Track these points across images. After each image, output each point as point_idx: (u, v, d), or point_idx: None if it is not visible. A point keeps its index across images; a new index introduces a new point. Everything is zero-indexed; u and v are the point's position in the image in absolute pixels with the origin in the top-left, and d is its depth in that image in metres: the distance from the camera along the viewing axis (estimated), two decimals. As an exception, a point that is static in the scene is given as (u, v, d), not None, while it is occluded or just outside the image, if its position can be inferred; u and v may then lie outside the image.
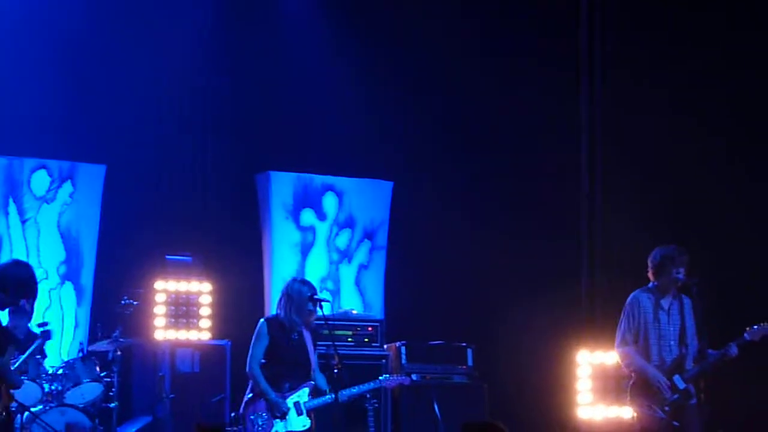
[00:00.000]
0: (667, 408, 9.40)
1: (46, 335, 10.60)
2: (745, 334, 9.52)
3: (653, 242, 9.89)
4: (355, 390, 9.80)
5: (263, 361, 9.66)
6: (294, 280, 10.02)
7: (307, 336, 9.82)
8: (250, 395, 9.63)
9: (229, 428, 10.91)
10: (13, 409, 9.26)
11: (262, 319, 9.87)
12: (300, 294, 9.77)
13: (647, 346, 9.67)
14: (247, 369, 9.72)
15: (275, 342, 9.67)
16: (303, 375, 9.67)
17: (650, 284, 9.77)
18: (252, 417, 9.56)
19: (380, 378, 10.19)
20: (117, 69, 12.26)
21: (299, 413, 9.57)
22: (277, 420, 9.52)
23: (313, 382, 9.72)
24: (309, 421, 9.58)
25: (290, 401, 9.58)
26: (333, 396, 9.62)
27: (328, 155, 13.10)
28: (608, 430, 11.83)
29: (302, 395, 9.62)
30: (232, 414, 10.80)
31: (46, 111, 12.05)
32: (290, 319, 9.73)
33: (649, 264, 9.75)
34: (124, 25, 12.37)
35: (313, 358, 9.78)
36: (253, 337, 9.77)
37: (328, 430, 9.91)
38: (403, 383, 10.46)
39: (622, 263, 11.77)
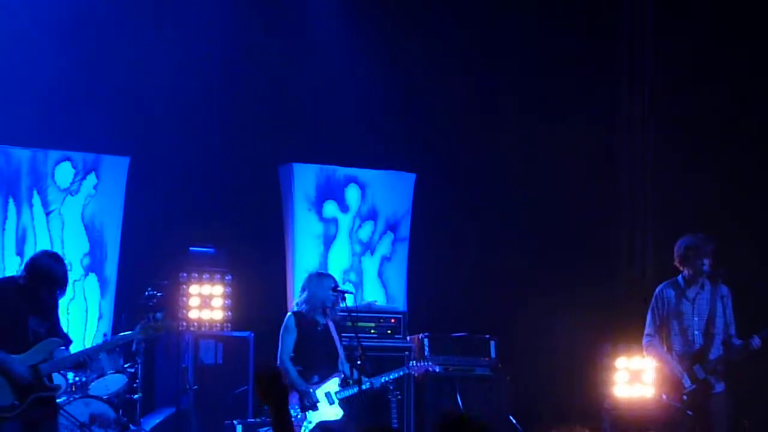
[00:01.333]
0: (684, 397, 9.37)
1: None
2: (774, 326, 9.49)
3: (682, 230, 9.85)
4: (383, 378, 9.81)
5: (292, 354, 9.74)
6: (312, 274, 10.13)
7: (332, 327, 9.88)
8: None
9: (236, 422, 10.98)
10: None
11: (289, 313, 9.96)
12: (320, 286, 9.85)
13: (669, 336, 9.66)
14: (278, 362, 9.79)
15: (303, 335, 9.77)
16: (331, 366, 9.75)
17: (678, 276, 9.75)
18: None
19: (408, 365, 10.21)
20: (141, 61, 12.27)
21: (331, 403, 9.64)
22: (309, 411, 9.57)
23: (341, 373, 9.77)
24: (341, 410, 9.63)
25: (320, 392, 9.63)
26: (351, 389, 9.67)
27: (350, 147, 13.10)
28: (633, 423, 11.78)
29: (332, 385, 9.68)
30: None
31: (70, 103, 12.06)
32: (311, 312, 9.80)
33: (675, 254, 9.73)
34: (148, 16, 12.37)
35: (340, 349, 9.84)
36: (282, 331, 9.84)
37: (351, 422, 9.92)
38: (430, 369, 10.46)
39: (665, 260, 11.66)
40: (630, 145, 13.04)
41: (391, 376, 9.93)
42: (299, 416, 9.57)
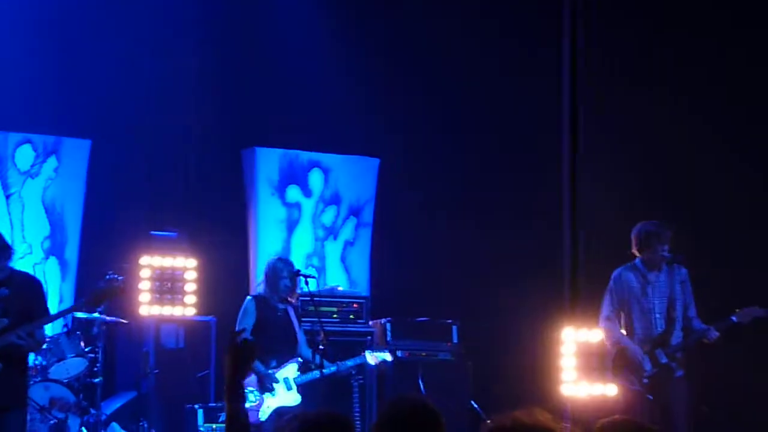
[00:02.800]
0: (645, 381, 9.42)
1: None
2: (733, 317, 9.53)
3: (636, 218, 9.89)
4: (336, 367, 9.81)
5: (251, 337, 9.64)
6: (272, 258, 10.14)
7: (292, 313, 9.87)
8: None
9: (197, 406, 10.93)
10: None
11: (249, 296, 9.95)
12: (275, 271, 9.85)
13: (630, 321, 9.70)
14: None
15: (262, 318, 9.75)
16: (290, 351, 9.74)
17: (636, 260, 9.78)
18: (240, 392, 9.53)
19: (363, 354, 10.19)
20: (102, 43, 12.20)
21: (289, 388, 9.62)
22: (267, 394, 9.54)
23: (300, 359, 9.76)
24: (299, 396, 9.61)
25: (279, 376, 9.60)
26: (318, 373, 9.65)
27: (314, 131, 13.07)
28: (592, 408, 11.83)
29: (290, 371, 9.66)
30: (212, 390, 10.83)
31: (31, 85, 11.98)
32: (271, 296, 9.81)
33: (633, 239, 9.75)
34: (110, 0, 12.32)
35: (300, 334, 9.82)
36: (240, 314, 9.81)
37: (313, 406, 9.90)
38: (387, 362, 10.45)
39: (606, 240, 11.74)
40: (573, 126, 13.09)
41: (347, 364, 9.93)
42: (256, 400, 9.52)
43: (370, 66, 13.10)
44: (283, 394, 9.63)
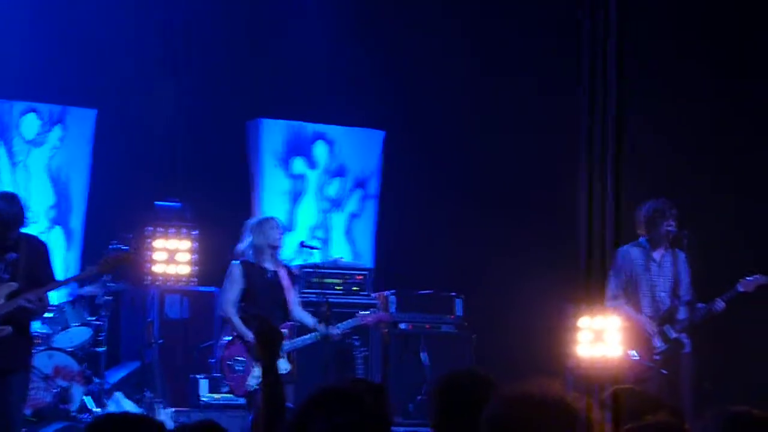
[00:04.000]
0: (657, 357, 9.45)
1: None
2: (738, 286, 9.56)
3: (648, 193, 9.89)
4: (335, 328, 9.56)
5: (241, 304, 9.53)
6: (251, 221, 9.86)
7: (284, 275, 9.64)
8: (227, 339, 9.54)
9: (201, 376, 10.91)
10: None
11: (235, 261, 9.70)
12: (261, 226, 9.62)
13: (637, 297, 9.71)
14: (222, 313, 9.62)
15: (250, 284, 9.49)
16: (281, 316, 9.44)
17: (640, 239, 9.80)
18: (230, 362, 9.46)
19: (358, 314, 10.01)
20: (108, 12, 12.16)
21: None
22: (256, 363, 9.37)
23: (290, 322, 9.58)
24: (288, 364, 9.40)
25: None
26: (313, 336, 9.50)
27: (319, 103, 13.05)
28: (596, 380, 11.83)
29: None
30: (211, 360, 10.81)
31: (37, 54, 11.97)
32: (258, 259, 9.56)
33: (639, 218, 9.77)
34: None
35: (290, 297, 9.61)
36: (226, 280, 9.60)
37: (316, 378, 9.90)
38: (383, 319, 10.36)
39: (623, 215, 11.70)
40: (591, 104, 13.05)
41: (343, 327, 9.69)
42: (244, 369, 9.39)
43: (376, 37, 13.06)
44: None
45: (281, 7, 13.01)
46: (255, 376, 9.34)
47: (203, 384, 11.08)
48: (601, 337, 11.49)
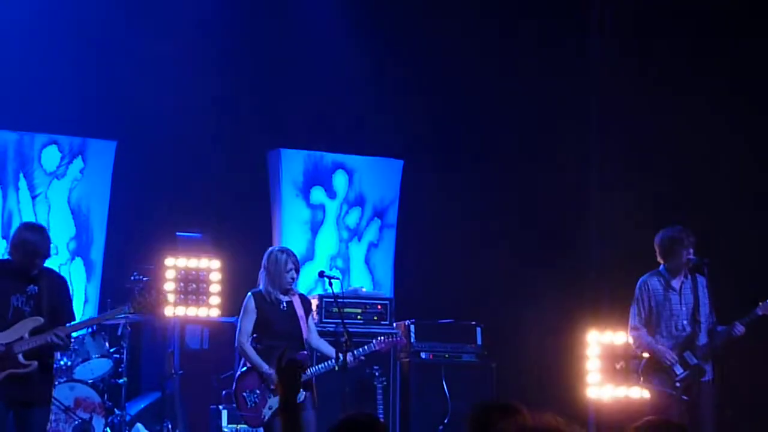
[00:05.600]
0: (678, 384, 9.41)
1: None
2: (757, 309, 9.52)
3: (660, 221, 9.88)
4: (349, 356, 9.46)
5: (255, 335, 9.53)
6: (271, 250, 9.89)
7: (298, 304, 9.63)
8: (242, 371, 9.54)
9: (221, 407, 10.91)
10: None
11: (249, 293, 9.71)
12: (276, 263, 9.64)
13: (658, 328, 9.69)
14: (236, 344, 9.64)
15: (264, 315, 9.49)
16: (296, 346, 9.45)
17: (660, 267, 9.78)
18: (245, 394, 9.45)
19: (373, 341, 9.98)
20: (129, 44, 12.24)
21: None
22: (271, 394, 9.37)
23: (306, 352, 9.56)
24: (303, 393, 9.27)
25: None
26: (328, 365, 9.48)
27: (338, 133, 13.09)
28: (617, 411, 11.82)
29: None
30: (224, 392, 10.79)
31: (57, 86, 12.04)
32: (269, 290, 9.58)
33: (657, 247, 9.76)
34: (135, 1, 12.35)
35: (305, 326, 9.61)
36: (241, 312, 9.61)
37: (336, 408, 9.87)
38: (399, 344, 10.33)
39: (631, 243, 11.74)
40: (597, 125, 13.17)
41: (357, 353, 9.63)
42: (258, 401, 9.36)
43: (395, 68, 13.10)
44: None
45: (302, 37, 13.05)
46: (270, 407, 9.34)
47: (224, 414, 11.07)
48: (619, 366, 11.54)
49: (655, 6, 12.86)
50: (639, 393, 10.02)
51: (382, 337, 10.03)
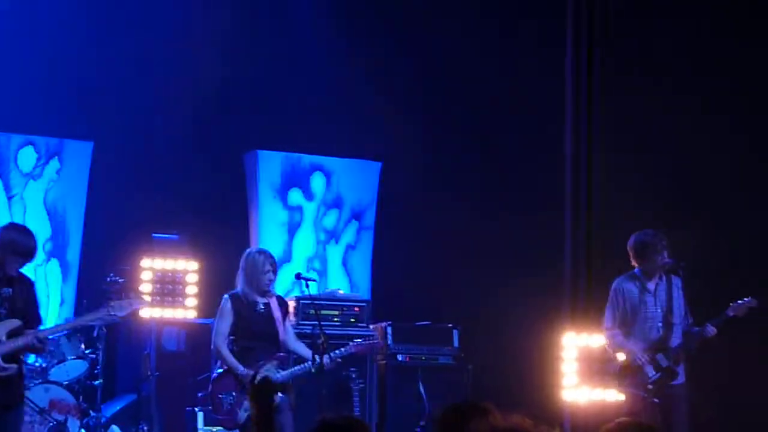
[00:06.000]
0: (650, 386, 9.43)
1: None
2: (728, 311, 9.57)
3: (637, 223, 9.91)
4: (326, 359, 9.46)
5: (232, 337, 9.53)
6: (249, 251, 9.90)
7: (275, 306, 9.63)
8: (218, 373, 9.53)
9: (197, 408, 10.89)
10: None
11: (225, 295, 9.72)
12: (254, 264, 9.65)
13: (632, 330, 9.71)
14: (212, 346, 9.63)
15: (241, 317, 9.50)
16: (273, 347, 9.47)
17: (635, 269, 9.80)
18: (221, 396, 9.45)
19: (350, 343, 9.99)
20: (104, 45, 12.21)
21: None
22: (247, 396, 9.31)
23: (283, 354, 9.56)
24: (278, 396, 9.20)
25: (259, 375, 9.23)
26: (304, 366, 9.47)
27: (316, 135, 13.08)
28: (593, 413, 11.83)
29: (270, 369, 9.38)
30: (200, 394, 10.77)
31: (34, 87, 12.00)
32: (246, 291, 9.59)
33: (630, 251, 9.78)
34: (112, 1, 12.32)
35: (281, 328, 9.59)
36: (218, 314, 9.64)
37: (313, 410, 9.86)
38: (375, 346, 10.34)
39: (608, 245, 11.76)
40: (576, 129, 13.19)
41: (333, 355, 9.62)
42: (234, 402, 9.34)
43: (373, 70, 13.10)
44: None
45: (279, 38, 13.05)
46: (245, 409, 9.33)
47: (200, 416, 11.05)
48: (592, 367, 11.58)
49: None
50: (614, 396, 10.03)
51: (359, 340, 10.06)
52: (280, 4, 13.13)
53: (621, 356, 9.81)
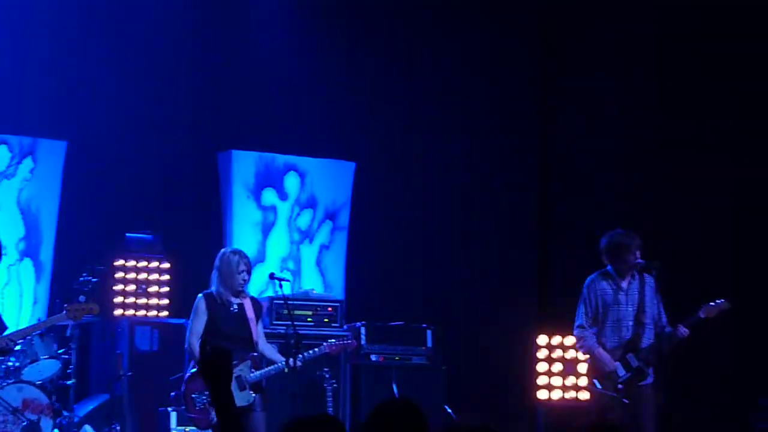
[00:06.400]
0: (619, 386, 9.45)
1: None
2: (700, 312, 9.59)
3: (609, 222, 9.95)
4: (299, 358, 9.43)
5: (204, 336, 9.46)
6: (224, 251, 9.86)
7: (249, 307, 9.60)
8: (191, 372, 9.50)
9: (170, 408, 10.86)
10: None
11: (199, 294, 9.65)
12: (228, 264, 9.61)
13: (603, 328, 9.72)
14: (186, 345, 9.58)
15: (215, 316, 9.44)
16: (246, 348, 9.44)
17: (608, 267, 9.81)
18: (194, 395, 9.41)
19: (323, 344, 9.97)
20: (79, 44, 12.18)
21: (241, 388, 9.28)
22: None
23: (256, 354, 9.54)
24: (252, 395, 9.32)
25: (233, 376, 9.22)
26: (277, 367, 9.45)
27: (290, 135, 13.07)
28: (566, 413, 11.89)
29: (243, 369, 9.37)
30: (172, 394, 10.75)
31: (8, 86, 11.96)
32: (220, 291, 9.55)
33: (602, 251, 9.78)
34: (87, 1, 12.29)
35: (254, 329, 9.58)
36: (192, 313, 9.56)
37: (285, 411, 9.85)
38: (349, 347, 10.33)
39: (579, 245, 11.83)
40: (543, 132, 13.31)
41: (306, 356, 9.59)
42: (207, 402, 9.28)
43: (347, 69, 13.11)
44: (236, 393, 9.31)
45: (253, 37, 13.03)
46: None
47: (173, 416, 11.03)
48: (568, 368, 11.65)
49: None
50: (586, 395, 10.07)
51: (333, 340, 10.03)
52: (253, 4, 13.12)
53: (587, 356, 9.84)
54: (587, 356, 9.77)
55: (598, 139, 12.96)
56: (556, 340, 12.17)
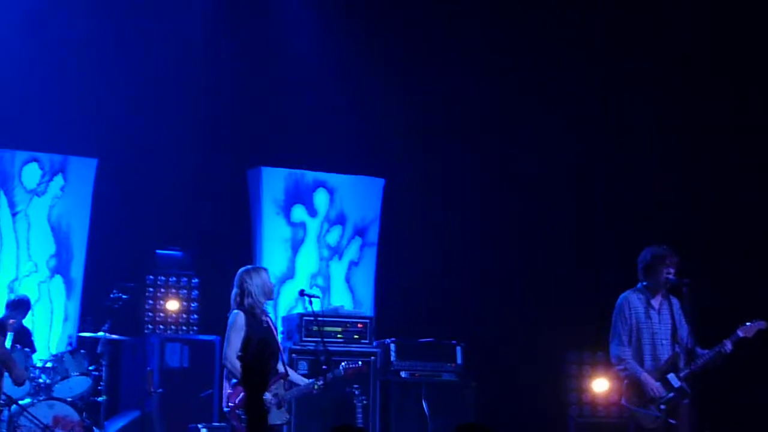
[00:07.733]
0: (663, 406, 9.40)
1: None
2: (738, 331, 9.54)
3: (645, 241, 9.90)
4: (320, 380, 9.24)
5: (240, 353, 9.36)
6: (246, 269, 9.71)
7: (272, 324, 9.55)
8: (233, 386, 9.42)
9: (201, 425, 10.86)
10: (1, 401, 9.28)
11: (236, 310, 9.56)
12: (262, 278, 9.49)
13: (640, 345, 9.66)
14: (228, 362, 9.46)
15: (252, 333, 9.38)
16: (277, 365, 9.40)
17: (639, 284, 9.78)
18: (239, 411, 9.38)
19: (340, 366, 9.88)
20: (110, 63, 12.25)
21: (279, 406, 9.23)
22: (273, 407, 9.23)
23: (283, 371, 9.49)
24: (287, 415, 9.13)
25: (269, 394, 9.13)
26: (308, 385, 9.40)
27: (320, 151, 13.10)
28: (598, 429, 11.84)
29: (279, 387, 9.30)
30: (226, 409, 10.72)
31: (39, 104, 12.03)
32: (256, 306, 9.40)
33: (639, 264, 9.74)
34: (118, 19, 12.36)
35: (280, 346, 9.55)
36: (229, 329, 9.38)
37: (316, 427, 9.85)
38: (359, 371, 10.22)
39: (611, 262, 11.78)
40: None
41: (329, 378, 9.49)
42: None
43: (376, 87, 13.13)
44: (275, 412, 9.26)
45: (283, 55, 13.08)
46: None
47: (203, 432, 11.05)
48: (605, 386, 11.58)
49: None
50: (620, 413, 10.00)
51: (344, 364, 9.87)
52: (285, 23, 13.16)
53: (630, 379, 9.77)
54: (628, 379, 9.68)
55: (644, 153, 12.91)
56: (587, 356, 12.11)
